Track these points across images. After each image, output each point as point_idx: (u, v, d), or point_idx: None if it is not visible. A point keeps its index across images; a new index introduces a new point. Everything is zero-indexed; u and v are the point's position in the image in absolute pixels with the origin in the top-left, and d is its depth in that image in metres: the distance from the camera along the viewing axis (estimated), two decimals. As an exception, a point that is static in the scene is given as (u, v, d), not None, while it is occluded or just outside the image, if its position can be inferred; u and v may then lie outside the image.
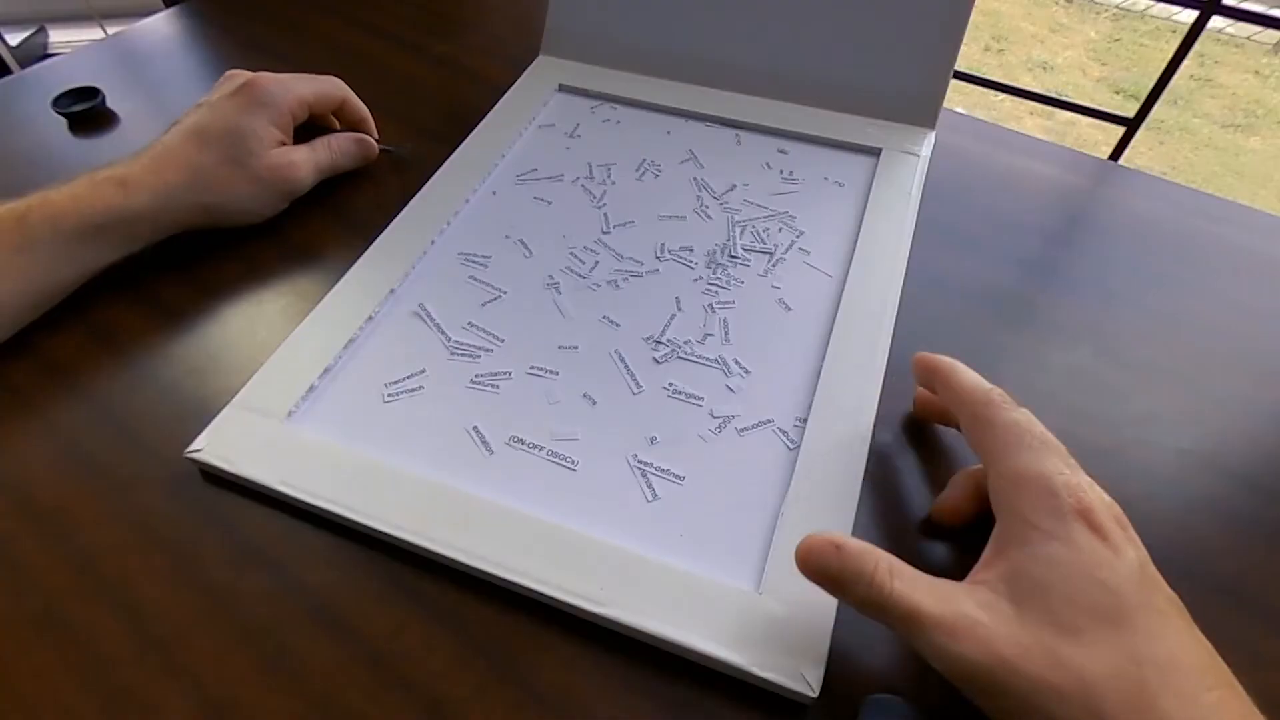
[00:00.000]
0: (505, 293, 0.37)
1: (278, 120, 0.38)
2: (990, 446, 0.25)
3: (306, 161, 0.39)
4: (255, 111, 0.37)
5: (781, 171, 0.44)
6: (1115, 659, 0.20)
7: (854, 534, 0.28)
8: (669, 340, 0.35)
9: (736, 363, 0.34)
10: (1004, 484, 0.24)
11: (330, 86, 0.41)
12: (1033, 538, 0.22)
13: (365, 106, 0.42)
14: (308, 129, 0.42)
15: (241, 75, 0.39)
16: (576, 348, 0.34)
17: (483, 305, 0.36)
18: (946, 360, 0.28)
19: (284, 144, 0.39)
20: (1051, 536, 0.22)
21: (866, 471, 0.30)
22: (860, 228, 0.40)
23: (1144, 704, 0.19)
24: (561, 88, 0.49)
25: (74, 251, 0.34)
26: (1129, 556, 0.22)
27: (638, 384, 0.33)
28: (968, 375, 0.27)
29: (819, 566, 0.23)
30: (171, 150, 0.36)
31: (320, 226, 0.41)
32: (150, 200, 0.35)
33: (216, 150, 0.36)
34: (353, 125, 0.43)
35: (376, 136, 0.43)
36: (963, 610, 0.21)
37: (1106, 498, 0.23)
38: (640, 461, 0.31)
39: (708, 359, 0.34)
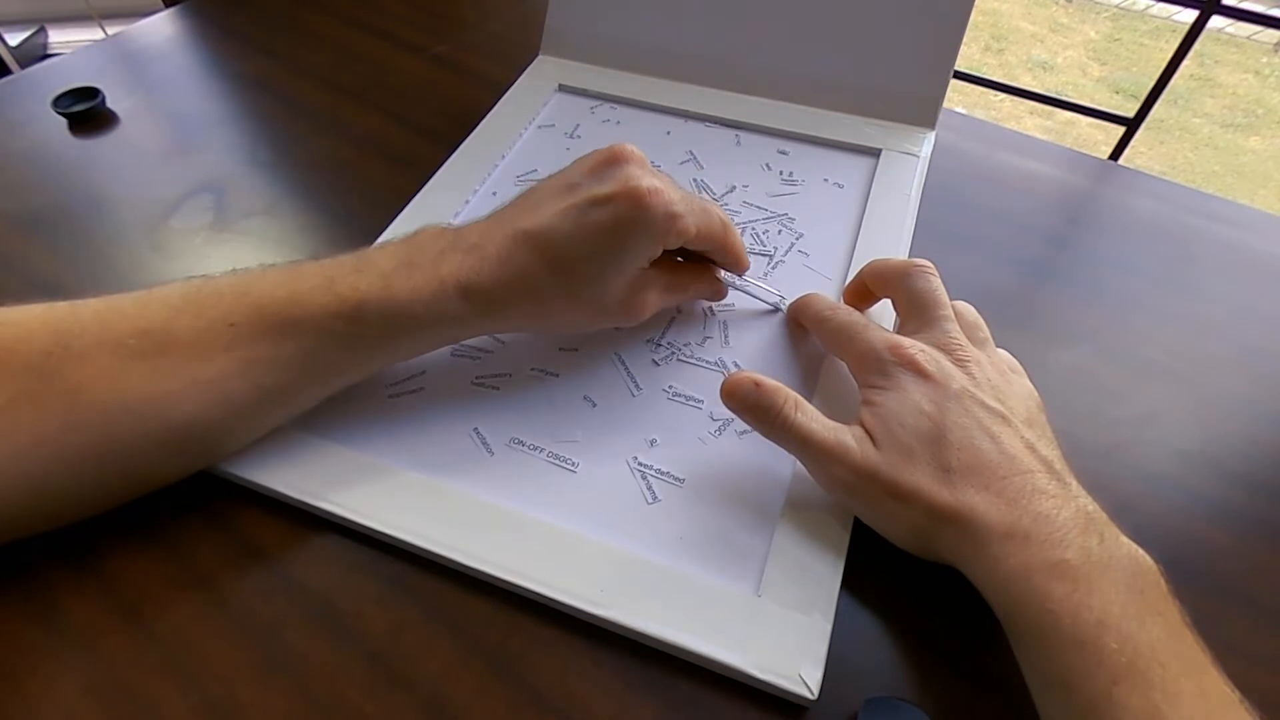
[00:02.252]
0: (505, 293, 0.37)
1: (650, 253, 0.30)
2: (833, 349, 0.32)
3: (657, 304, 0.32)
4: (626, 239, 0.29)
5: (781, 172, 0.44)
6: (932, 469, 0.25)
7: (853, 537, 0.28)
8: (669, 343, 0.35)
9: (736, 365, 0.34)
10: (851, 369, 0.30)
11: (716, 224, 0.31)
12: (874, 396, 0.28)
13: (743, 248, 0.33)
14: None
15: (624, 165, 0.29)
16: (576, 349, 0.34)
17: (483, 306, 0.36)
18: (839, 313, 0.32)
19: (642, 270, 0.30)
20: (885, 389, 0.28)
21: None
22: (860, 229, 0.40)
23: (957, 498, 0.25)
24: (561, 88, 0.49)
25: (394, 348, 0.30)
26: (953, 386, 0.27)
27: (637, 386, 0.33)
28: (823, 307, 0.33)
29: (741, 397, 0.28)
30: (514, 263, 0.29)
31: (320, 228, 0.41)
32: (489, 320, 0.30)
33: (564, 281, 0.29)
34: (720, 262, 0.33)
35: (746, 269, 0.34)
36: (842, 439, 0.27)
37: (923, 345, 0.28)
38: (640, 463, 0.31)
39: (707, 361, 0.34)
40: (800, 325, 0.35)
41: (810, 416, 0.27)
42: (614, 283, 0.30)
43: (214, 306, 0.27)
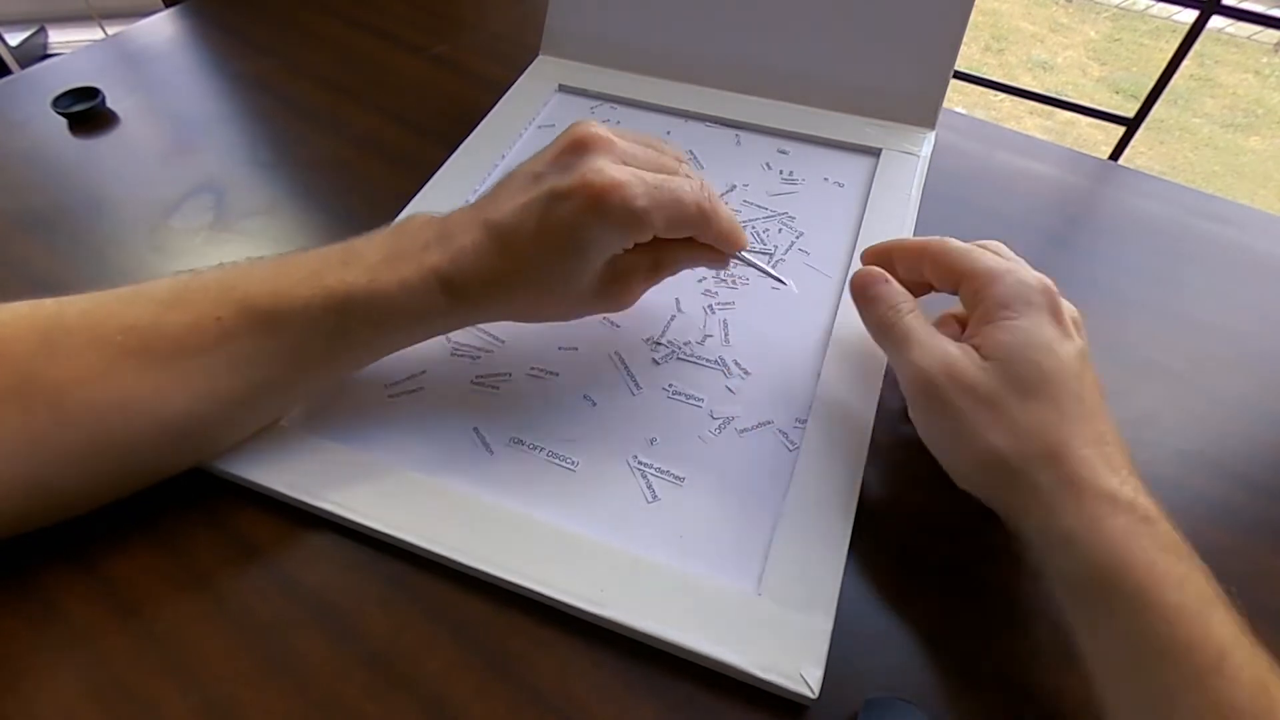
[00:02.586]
0: (505, 293, 0.37)
1: (617, 247, 0.29)
2: (964, 264, 0.29)
3: (643, 288, 0.31)
4: (585, 236, 0.27)
5: (781, 172, 0.44)
6: (1051, 408, 0.25)
7: (854, 535, 0.28)
8: (669, 341, 0.35)
9: (736, 364, 0.34)
10: (984, 279, 0.28)
11: (690, 212, 0.28)
12: (1007, 316, 0.27)
13: (732, 225, 0.30)
14: None
15: (586, 153, 0.28)
16: (576, 349, 0.34)
17: (483, 305, 0.36)
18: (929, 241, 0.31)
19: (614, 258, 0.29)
20: (1023, 316, 0.26)
21: (866, 472, 0.30)
22: (860, 228, 0.40)
23: (1073, 444, 0.24)
24: (561, 88, 0.49)
25: (383, 341, 0.30)
26: (1077, 344, 0.26)
27: (637, 385, 0.33)
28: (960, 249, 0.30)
29: (870, 286, 0.29)
30: (483, 255, 0.28)
31: (320, 228, 0.41)
32: (472, 312, 0.30)
33: (529, 274, 0.28)
34: (711, 244, 0.31)
35: (742, 248, 0.31)
36: (944, 347, 0.27)
37: (1071, 306, 0.28)
38: (640, 462, 0.31)
39: (707, 360, 0.34)
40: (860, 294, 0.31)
41: (918, 318, 0.28)
42: (581, 277, 0.29)
43: (200, 301, 0.27)
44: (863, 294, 0.30)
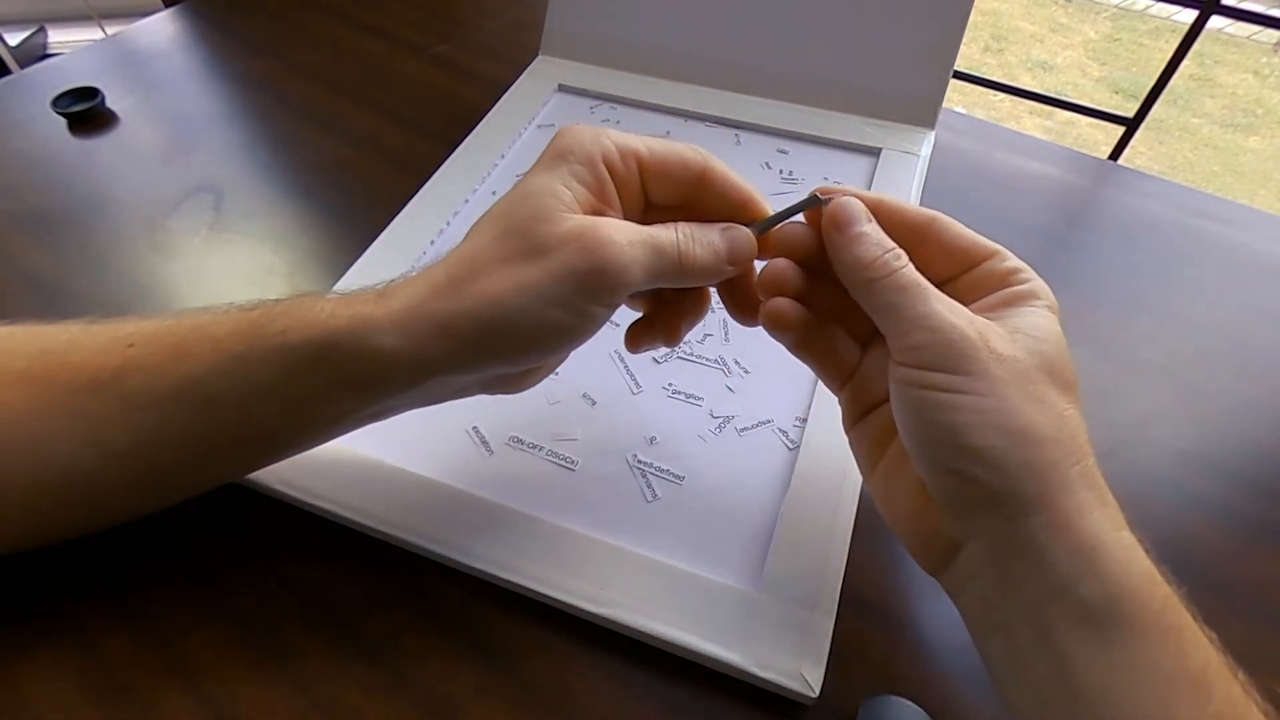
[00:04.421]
0: (505, 293, 0.37)
1: (584, 176, 0.24)
2: (996, 249, 0.26)
3: (631, 241, 0.23)
4: (551, 166, 0.24)
5: (781, 171, 0.44)
6: (1077, 416, 0.22)
7: (854, 536, 0.28)
8: (669, 340, 0.35)
9: (736, 363, 0.34)
10: (1015, 265, 0.25)
11: (680, 148, 0.26)
12: (1040, 305, 0.23)
13: (744, 184, 0.27)
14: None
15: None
16: (576, 348, 0.34)
17: (482, 305, 0.36)
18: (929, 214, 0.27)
19: (598, 213, 0.24)
20: (1051, 316, 0.23)
21: (866, 471, 0.30)
22: (860, 228, 0.40)
23: (1088, 456, 0.21)
24: (561, 88, 0.49)
25: (321, 389, 0.24)
26: None
27: (637, 384, 0.33)
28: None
29: (855, 221, 0.24)
30: (452, 252, 0.24)
31: (320, 228, 0.41)
32: (400, 322, 0.23)
33: (491, 226, 0.24)
34: (725, 211, 0.27)
35: (762, 220, 0.27)
36: (963, 308, 0.22)
37: None
38: (640, 461, 0.31)
39: (707, 359, 0.34)
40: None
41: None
42: (552, 211, 0.23)
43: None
44: (845, 228, 0.23)
